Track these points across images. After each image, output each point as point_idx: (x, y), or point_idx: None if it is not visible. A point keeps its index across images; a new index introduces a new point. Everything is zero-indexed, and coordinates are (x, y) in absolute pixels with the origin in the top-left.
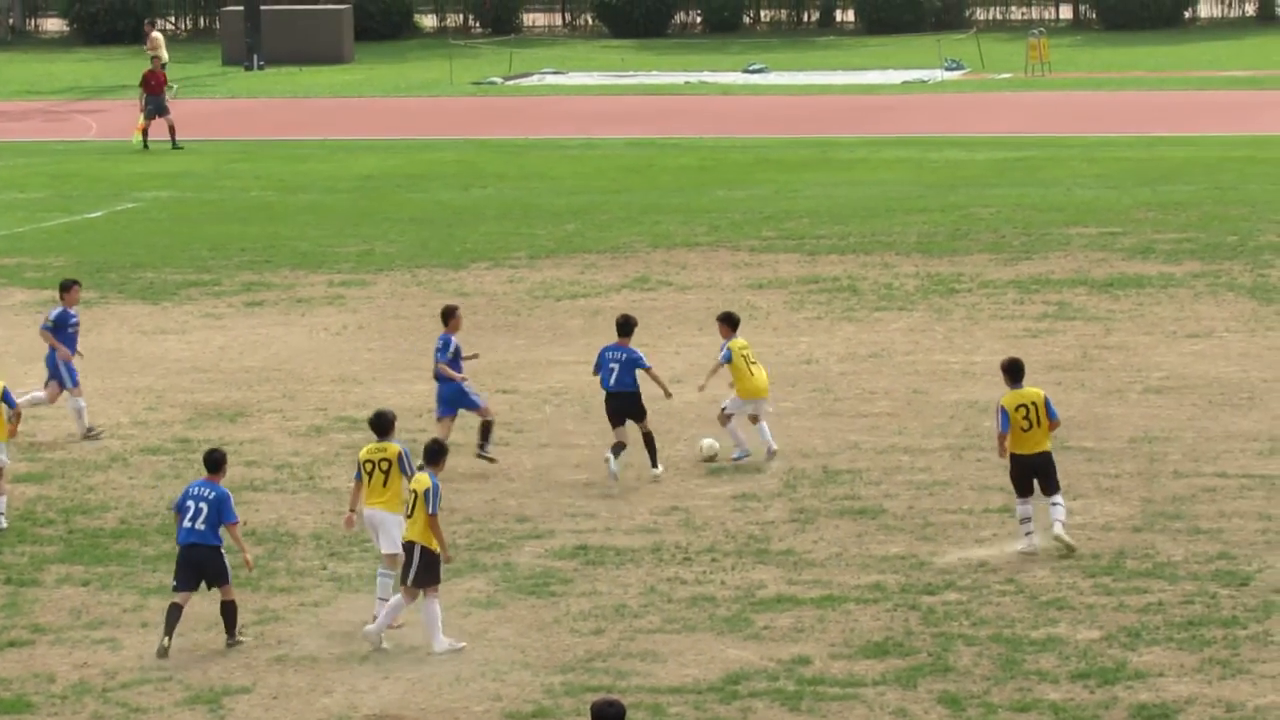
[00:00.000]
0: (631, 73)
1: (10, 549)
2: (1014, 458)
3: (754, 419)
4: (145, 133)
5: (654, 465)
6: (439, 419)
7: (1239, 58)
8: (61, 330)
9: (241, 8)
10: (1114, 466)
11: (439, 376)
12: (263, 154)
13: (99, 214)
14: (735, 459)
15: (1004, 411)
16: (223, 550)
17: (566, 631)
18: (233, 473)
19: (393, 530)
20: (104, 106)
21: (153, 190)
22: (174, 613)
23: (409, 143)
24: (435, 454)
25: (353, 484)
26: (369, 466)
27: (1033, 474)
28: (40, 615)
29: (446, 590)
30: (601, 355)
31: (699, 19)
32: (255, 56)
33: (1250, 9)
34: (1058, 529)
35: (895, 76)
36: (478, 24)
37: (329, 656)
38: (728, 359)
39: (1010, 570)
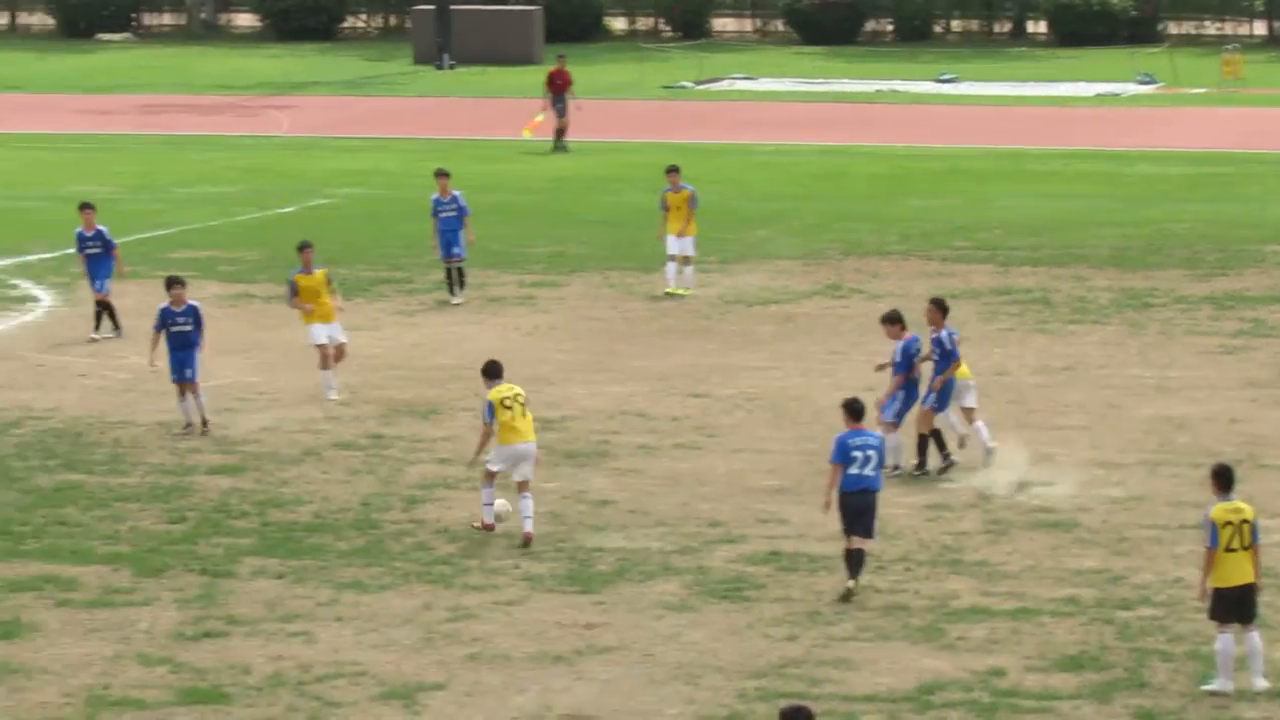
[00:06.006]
0: (822, 80)
1: (206, 540)
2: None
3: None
4: (541, 130)
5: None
6: None
7: None
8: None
9: (432, 7)
10: None
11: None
12: (453, 153)
13: (291, 209)
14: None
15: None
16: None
17: (760, 637)
18: (425, 470)
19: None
20: (295, 102)
21: (345, 187)
22: (857, 556)
23: (600, 145)
24: (1224, 480)
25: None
26: (509, 402)
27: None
28: (235, 607)
29: (640, 593)
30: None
31: (890, 27)
32: (445, 56)
33: None
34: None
35: (1087, 89)
36: (668, 28)
37: (522, 655)
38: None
39: None
